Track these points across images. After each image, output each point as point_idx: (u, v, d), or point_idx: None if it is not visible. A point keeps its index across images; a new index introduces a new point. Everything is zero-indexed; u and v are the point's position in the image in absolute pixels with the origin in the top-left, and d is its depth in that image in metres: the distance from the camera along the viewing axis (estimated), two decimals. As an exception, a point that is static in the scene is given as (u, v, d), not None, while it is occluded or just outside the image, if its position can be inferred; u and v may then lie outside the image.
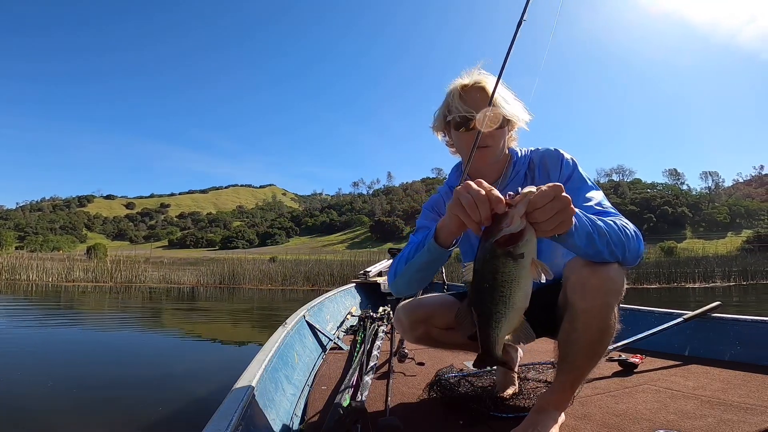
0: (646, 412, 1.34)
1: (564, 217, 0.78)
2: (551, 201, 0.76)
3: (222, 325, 6.09)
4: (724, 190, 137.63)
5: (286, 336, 1.87)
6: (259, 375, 1.29)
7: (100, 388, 2.87)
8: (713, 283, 12.99)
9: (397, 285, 1.19)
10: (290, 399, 1.52)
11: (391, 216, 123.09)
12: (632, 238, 0.98)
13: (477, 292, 0.80)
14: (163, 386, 2.98)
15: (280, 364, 1.60)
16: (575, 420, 1.28)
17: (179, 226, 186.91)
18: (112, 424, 2.30)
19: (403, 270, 1.15)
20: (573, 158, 1.23)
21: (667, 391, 1.55)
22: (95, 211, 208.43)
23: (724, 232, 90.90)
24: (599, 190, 1.15)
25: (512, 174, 1.26)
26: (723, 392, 1.51)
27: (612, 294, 0.99)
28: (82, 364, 3.64)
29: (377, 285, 4.65)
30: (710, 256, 21.60)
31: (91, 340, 4.72)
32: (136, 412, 2.42)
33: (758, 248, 33.70)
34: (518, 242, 0.75)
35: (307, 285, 12.93)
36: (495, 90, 1.12)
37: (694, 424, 1.23)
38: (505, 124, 1.18)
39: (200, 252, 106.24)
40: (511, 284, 0.76)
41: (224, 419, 0.94)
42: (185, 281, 13.79)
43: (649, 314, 2.35)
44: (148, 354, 4.13)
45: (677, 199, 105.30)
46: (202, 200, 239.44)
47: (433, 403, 1.48)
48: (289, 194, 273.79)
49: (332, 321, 3.08)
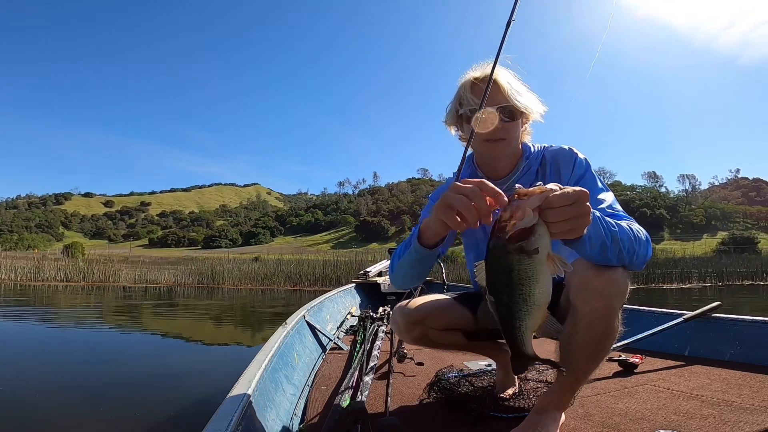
0: (647, 412, 1.34)
1: (577, 225, 0.74)
2: (570, 205, 0.71)
3: (204, 325, 6.06)
4: (700, 192, 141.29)
5: (286, 336, 1.87)
6: (259, 375, 1.29)
7: (98, 389, 2.86)
8: (690, 284, 13.20)
9: (396, 281, 1.21)
10: (290, 399, 1.52)
11: (377, 216, 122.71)
12: (643, 243, 0.97)
13: (494, 293, 0.76)
14: (163, 386, 2.97)
15: (280, 365, 1.59)
16: (575, 420, 1.28)
17: (160, 224, 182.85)
18: (112, 424, 2.28)
19: (396, 267, 1.16)
20: (587, 158, 1.21)
21: (668, 391, 1.56)
22: (73, 209, 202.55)
23: (700, 234, 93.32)
24: (610, 193, 1.13)
25: (524, 168, 1.24)
26: (723, 392, 1.51)
27: (616, 297, 0.98)
28: (75, 365, 3.61)
29: (377, 285, 4.66)
30: (687, 257, 22.17)
31: (84, 340, 4.70)
32: (136, 413, 2.41)
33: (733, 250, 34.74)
34: (530, 237, 0.70)
35: (289, 285, 12.79)
36: (487, 90, 1.09)
37: (695, 424, 1.23)
38: (518, 116, 1.16)
39: (182, 251, 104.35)
40: (529, 281, 0.72)
41: (224, 419, 0.93)
42: (162, 281, 13.49)
43: (649, 314, 2.35)
44: (140, 354, 4.11)
45: (656, 201, 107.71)
46: (185, 199, 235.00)
47: (434, 404, 1.48)
48: (274, 193, 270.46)
49: (332, 321, 3.08)
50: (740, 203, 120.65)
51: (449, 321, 1.34)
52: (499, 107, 1.12)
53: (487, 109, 1.10)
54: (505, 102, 1.12)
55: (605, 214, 1.01)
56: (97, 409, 2.50)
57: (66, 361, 3.69)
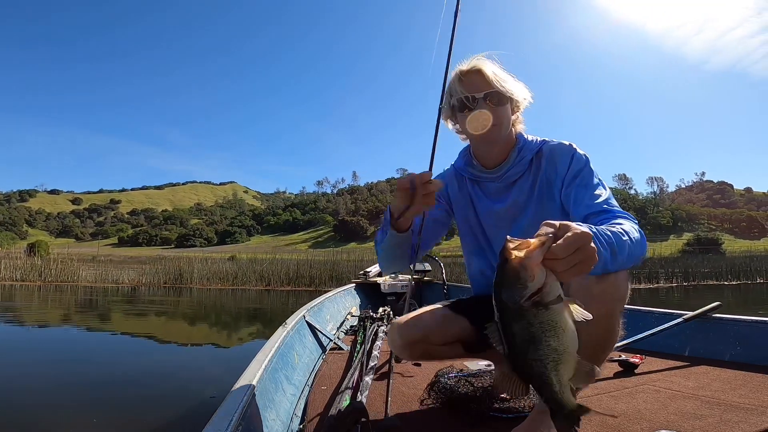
0: (647, 413, 1.34)
1: (583, 268, 0.69)
2: (573, 253, 0.66)
3: (169, 324, 6.00)
4: (667, 195, 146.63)
5: (286, 336, 1.86)
6: (259, 375, 1.29)
7: (96, 389, 2.88)
8: (657, 284, 13.61)
9: (382, 266, 1.32)
10: (290, 399, 1.53)
11: (356, 216, 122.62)
12: (639, 244, 0.96)
13: (518, 355, 0.71)
14: (163, 387, 2.98)
15: (280, 365, 1.60)
16: None
17: (131, 223, 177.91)
18: (112, 424, 2.29)
19: (379, 252, 1.26)
20: (586, 154, 1.21)
21: (668, 391, 1.56)
22: (38, 206, 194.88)
23: (667, 235, 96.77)
24: (607, 190, 1.14)
25: (517, 159, 1.25)
26: (723, 392, 1.51)
27: (617, 301, 0.97)
28: (72, 364, 3.62)
29: (377, 285, 4.62)
30: (655, 258, 22.87)
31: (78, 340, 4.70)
32: (136, 413, 2.42)
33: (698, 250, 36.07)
34: (542, 292, 0.66)
35: (261, 285, 12.21)
36: (446, 80, 1.19)
37: (695, 424, 1.23)
38: (505, 101, 1.19)
39: (153, 250, 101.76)
40: (555, 330, 0.68)
41: (224, 419, 0.94)
42: (126, 280, 12.87)
43: (649, 314, 2.36)
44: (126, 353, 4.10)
45: (625, 203, 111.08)
46: (157, 197, 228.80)
47: (433, 404, 1.48)
48: (252, 192, 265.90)
49: (332, 321, 3.08)
50: (705, 205, 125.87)
51: (448, 335, 1.31)
52: (486, 93, 1.16)
53: (482, 111, 1.16)
54: (490, 89, 1.17)
55: (600, 209, 1.04)
56: (96, 409, 2.50)
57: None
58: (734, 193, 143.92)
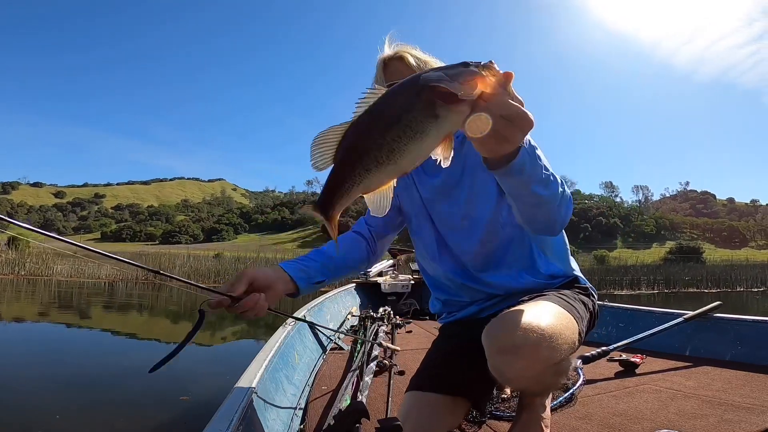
0: (647, 412, 1.34)
1: (509, 134, 0.62)
2: (508, 114, 0.60)
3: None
4: (652, 203, 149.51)
5: (287, 336, 1.85)
6: (260, 375, 1.29)
7: (95, 388, 2.86)
8: (639, 291, 13.73)
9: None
10: (291, 399, 1.52)
11: (345, 216, 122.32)
12: (567, 202, 0.87)
13: (369, 126, 0.61)
14: (163, 387, 2.94)
15: (280, 364, 1.59)
16: (576, 420, 1.28)
17: (115, 218, 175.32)
18: (112, 424, 2.28)
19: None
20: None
21: (668, 391, 1.56)
22: (20, 198, 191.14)
23: (650, 243, 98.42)
24: (543, 156, 1.03)
25: None
26: (724, 392, 1.51)
27: (549, 371, 0.78)
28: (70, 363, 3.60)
29: (377, 285, 4.56)
30: (638, 265, 23.15)
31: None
32: (136, 413, 2.41)
33: (680, 259, 36.65)
34: (455, 105, 0.58)
35: None
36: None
37: (695, 423, 1.23)
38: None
39: (137, 246, 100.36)
40: (414, 136, 0.59)
41: (225, 419, 0.93)
42: (102, 276, 12.55)
43: (650, 314, 2.35)
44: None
45: (611, 210, 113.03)
46: (143, 192, 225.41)
47: None
48: (240, 190, 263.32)
49: (333, 321, 3.07)
50: (688, 214, 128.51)
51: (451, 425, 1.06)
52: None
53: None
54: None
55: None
56: (96, 409, 2.47)
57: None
58: (717, 203, 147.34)
